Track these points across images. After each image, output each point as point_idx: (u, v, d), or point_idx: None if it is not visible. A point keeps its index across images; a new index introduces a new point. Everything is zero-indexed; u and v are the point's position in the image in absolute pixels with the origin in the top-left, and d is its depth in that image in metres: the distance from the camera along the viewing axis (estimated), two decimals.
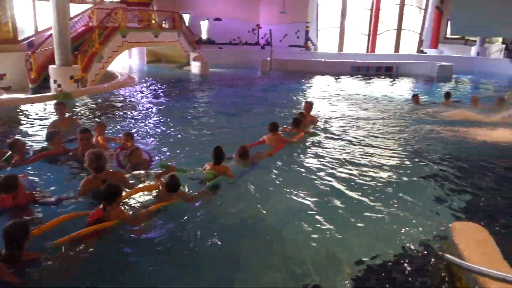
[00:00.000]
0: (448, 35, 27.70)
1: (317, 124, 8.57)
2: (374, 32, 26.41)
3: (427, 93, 14.19)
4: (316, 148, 7.05)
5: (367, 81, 17.40)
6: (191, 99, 11.71)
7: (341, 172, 5.90)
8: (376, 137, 7.89)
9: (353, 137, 7.84)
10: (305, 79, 16.96)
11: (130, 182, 4.99)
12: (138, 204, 4.54)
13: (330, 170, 5.96)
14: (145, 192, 4.80)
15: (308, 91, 14.21)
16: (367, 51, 26.49)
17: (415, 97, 11.52)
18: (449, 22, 26.96)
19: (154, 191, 4.80)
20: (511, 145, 7.33)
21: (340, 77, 18.16)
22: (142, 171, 5.39)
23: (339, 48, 26.08)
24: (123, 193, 4.26)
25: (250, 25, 26.22)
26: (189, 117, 9.19)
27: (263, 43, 26.25)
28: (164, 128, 8.09)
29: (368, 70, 19.51)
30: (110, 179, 4.52)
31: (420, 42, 27.72)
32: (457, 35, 23.62)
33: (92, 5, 18.71)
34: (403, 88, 15.90)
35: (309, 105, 8.77)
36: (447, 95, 11.32)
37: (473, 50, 24.96)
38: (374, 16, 26.20)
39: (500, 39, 26.91)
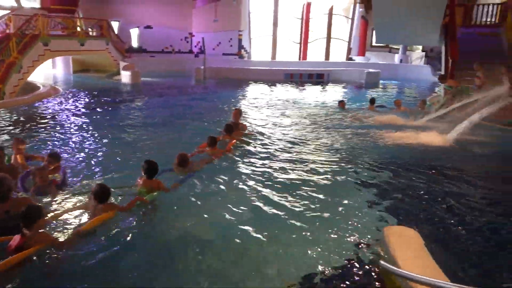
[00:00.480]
0: (374, 44, 29.22)
1: (248, 131, 8.54)
2: (305, 41, 27.16)
3: (357, 98, 14.75)
4: (249, 155, 7.01)
5: (300, 88, 17.78)
6: (121, 110, 11.18)
7: (274, 179, 5.87)
8: (308, 143, 7.99)
9: (285, 143, 7.90)
10: (239, 87, 16.97)
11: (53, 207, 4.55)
12: (69, 226, 4.19)
13: (263, 178, 5.90)
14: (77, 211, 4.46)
15: (242, 98, 14.20)
16: (299, 59, 27.15)
17: (341, 103, 11.90)
18: (374, 31, 28.47)
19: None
20: (436, 148, 7.72)
21: (274, 84, 18.38)
22: (49, 195, 4.81)
23: (272, 56, 26.50)
24: (51, 214, 3.89)
25: (183, 33, 25.85)
26: (119, 130, 8.69)
27: (196, 51, 25.97)
28: (92, 142, 7.59)
29: (300, 78, 19.95)
30: (14, 209, 3.87)
31: (349, 50, 28.94)
32: (381, 44, 24.92)
33: (8, 11, 17.38)
34: (334, 94, 16.42)
35: (237, 112, 8.73)
36: (372, 100, 11.82)
37: (397, 58, 26.49)
38: (304, 25, 26.95)
39: (420, 47, 28.85)
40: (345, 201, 5.18)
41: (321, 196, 5.32)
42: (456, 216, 4.84)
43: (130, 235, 4.13)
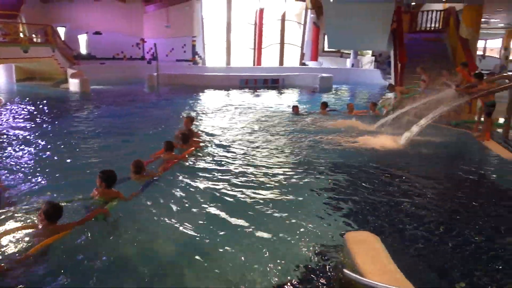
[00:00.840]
0: (326, 49, 29.86)
1: (201, 138, 8.48)
2: (259, 46, 27.26)
3: (311, 102, 14.92)
4: (205, 162, 6.92)
5: (256, 93, 17.78)
6: (70, 120, 10.61)
7: (231, 187, 5.79)
8: (263, 148, 7.95)
9: (240, 149, 7.82)
10: (194, 94, 16.70)
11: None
12: (14, 250, 3.85)
13: (220, 185, 5.81)
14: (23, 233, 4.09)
15: (197, 105, 13.95)
16: (254, 65, 27.21)
17: (294, 108, 11.97)
18: (325, 36, 29.10)
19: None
20: (390, 150, 7.89)
21: (229, 90, 18.27)
22: None
23: (226, 62, 26.37)
24: None
25: (134, 39, 25.19)
26: (68, 141, 8.20)
27: (149, 58, 25.39)
28: (39, 155, 7.11)
29: (256, 83, 19.97)
30: None
31: (302, 55, 29.38)
32: (333, 49, 25.50)
33: None
34: (289, 99, 16.54)
35: (189, 120, 8.61)
36: (323, 104, 12.00)
37: (348, 62, 27.17)
38: (258, 30, 27.06)
39: (370, 52, 29.80)
40: (303, 207, 5.16)
41: (278, 203, 5.27)
42: (411, 218, 4.92)
43: (86, 253, 3.88)
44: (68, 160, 6.89)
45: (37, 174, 6.09)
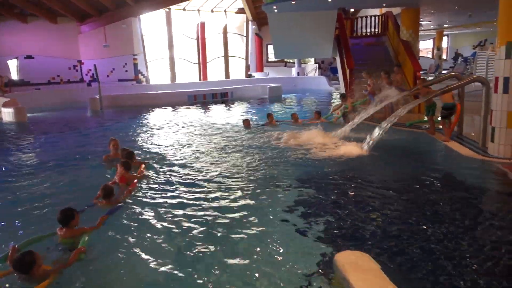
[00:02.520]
0: (270, 59, 30.09)
1: (153, 158, 8.33)
2: (203, 61, 26.88)
3: (261, 113, 14.66)
4: (161, 184, 6.60)
5: (205, 109, 17.34)
6: (6, 154, 9.57)
7: (193, 208, 5.49)
8: (221, 165, 7.59)
9: (195, 168, 7.44)
10: (140, 114, 15.94)
11: None
12: None
13: (179, 210, 5.44)
14: None
15: (144, 125, 13.27)
16: (200, 79, 26.77)
17: (245, 122, 11.70)
18: (268, 46, 29.35)
19: None
20: (356, 158, 7.76)
21: (178, 107, 17.67)
22: None
23: (171, 78, 25.72)
24: None
25: (71, 61, 23.87)
26: (6, 179, 7.33)
27: (88, 80, 24.17)
28: None
29: (205, 98, 19.53)
30: None
31: (247, 67, 29.37)
32: (279, 59, 25.69)
33: None
34: (240, 112, 16.26)
35: (116, 142, 8.21)
36: (269, 115, 11.85)
37: (294, 71, 27.50)
38: (201, 45, 26.69)
39: (312, 60, 30.43)
40: (274, 227, 4.80)
41: (246, 224, 4.89)
42: (390, 226, 4.74)
43: None
44: (11, 202, 6.09)
45: None
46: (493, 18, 20.98)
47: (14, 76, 22.37)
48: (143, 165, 7.35)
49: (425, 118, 10.02)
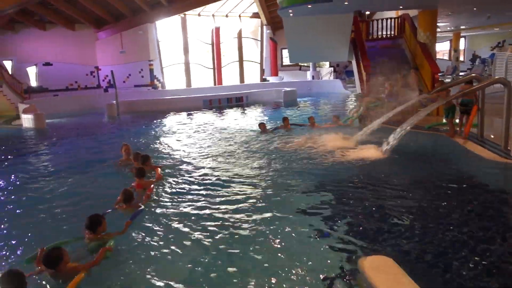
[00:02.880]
0: (284, 63, 30.08)
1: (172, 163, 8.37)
2: (218, 65, 27.01)
3: (277, 118, 14.61)
4: (179, 190, 6.61)
5: (221, 113, 17.39)
6: (27, 160, 9.70)
7: (213, 211, 5.49)
8: (238, 169, 7.55)
9: (212, 173, 7.42)
10: (156, 119, 16.05)
11: None
12: None
13: (200, 212, 5.48)
14: None
15: (161, 130, 13.36)
16: (215, 84, 26.89)
17: (261, 126, 11.65)
18: (282, 51, 29.36)
19: None
20: (375, 161, 7.65)
21: (193, 112, 17.75)
22: None
23: (187, 83, 25.89)
24: None
25: (88, 68, 24.24)
26: (28, 185, 7.42)
27: (105, 86, 24.49)
28: None
29: (220, 103, 19.59)
30: None
31: (262, 71, 29.40)
32: (294, 63, 25.68)
33: None
34: (255, 116, 16.24)
35: (127, 147, 8.34)
36: (285, 119, 11.79)
37: (309, 74, 27.42)
38: (216, 50, 26.84)
39: (327, 63, 30.29)
40: (295, 231, 4.74)
41: (268, 228, 4.87)
42: (416, 233, 4.64)
43: None
44: (33, 206, 6.16)
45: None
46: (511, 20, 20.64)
47: (33, 82, 22.79)
48: (159, 169, 7.42)
49: (444, 120, 9.85)
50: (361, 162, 7.59)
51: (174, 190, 6.53)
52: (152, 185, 6.52)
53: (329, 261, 4.09)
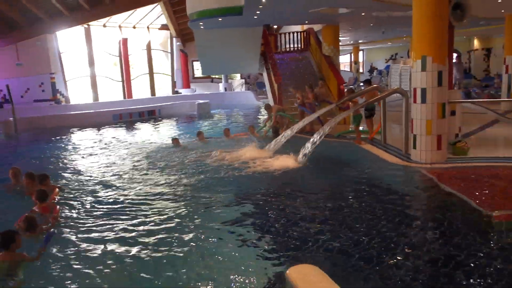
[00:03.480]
0: (196, 75, 29.97)
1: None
2: (127, 78, 25.98)
3: (191, 131, 14.47)
4: (86, 211, 6.21)
5: (132, 128, 16.73)
6: None
7: (125, 232, 5.24)
8: (153, 186, 7.34)
9: (124, 191, 7.13)
10: (61, 136, 14.91)
11: None
12: None
13: (114, 236, 5.17)
14: None
15: (66, 148, 12.45)
16: (124, 97, 25.81)
17: (174, 140, 11.49)
18: (194, 63, 29.24)
19: None
20: (293, 170, 7.91)
21: (102, 127, 16.83)
22: None
23: (94, 97, 24.49)
24: None
25: None
26: None
27: (0, 101, 22.20)
28: None
29: (131, 117, 18.83)
30: None
31: (173, 84, 28.92)
32: (206, 75, 25.62)
33: None
34: (169, 130, 15.90)
35: (14, 171, 7.53)
36: (199, 133, 11.92)
37: (221, 86, 27.60)
38: (124, 62, 25.82)
39: (239, 75, 30.81)
40: (218, 247, 4.72)
41: (188, 245, 4.79)
42: (332, 235, 4.87)
43: None
44: None
45: None
46: (402, 34, 22.86)
47: None
48: (57, 189, 6.95)
49: (351, 128, 10.56)
50: (278, 172, 7.79)
51: (81, 209, 6.20)
52: (58, 207, 6.07)
53: (256, 273, 4.10)
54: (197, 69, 30.01)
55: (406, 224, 5.14)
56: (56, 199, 6.57)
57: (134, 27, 26.77)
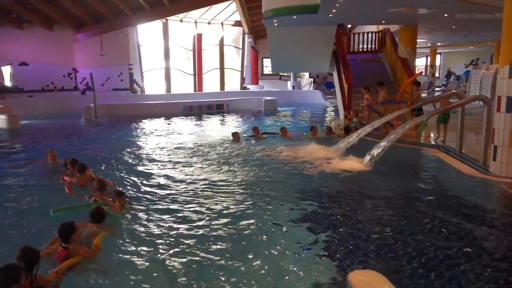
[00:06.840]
0: (265, 72, 30.22)
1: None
2: (199, 72, 26.86)
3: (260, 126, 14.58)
4: (156, 201, 6.32)
5: (201, 120, 17.24)
6: None
7: (190, 229, 5.22)
8: (218, 181, 7.33)
9: (190, 183, 7.25)
10: (135, 124, 15.75)
11: None
12: None
13: (177, 226, 5.25)
14: None
15: (139, 136, 13.11)
16: (195, 91, 26.70)
17: (234, 135, 11.55)
18: (263, 60, 29.50)
19: None
20: (358, 173, 7.69)
21: (173, 118, 17.53)
22: None
23: (167, 89, 25.61)
24: None
25: (66, 69, 23.66)
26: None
27: (83, 88, 23.97)
28: None
29: (200, 109, 19.44)
30: None
31: (242, 79, 29.41)
32: (276, 72, 25.76)
33: None
34: (236, 124, 16.16)
35: (53, 154, 8.60)
36: (255, 128, 11.86)
37: (289, 84, 27.58)
38: (197, 56, 26.70)
39: (307, 74, 30.60)
40: (279, 246, 4.64)
41: (250, 243, 4.77)
42: (395, 243, 4.65)
43: None
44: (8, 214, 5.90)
45: None
46: (487, 38, 21.33)
47: (7, 82, 22.09)
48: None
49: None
50: (344, 174, 7.61)
51: (148, 197, 6.39)
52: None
53: (315, 275, 4.04)
54: (266, 66, 30.24)
55: (481, 246, 4.71)
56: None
57: (209, 23, 27.54)
